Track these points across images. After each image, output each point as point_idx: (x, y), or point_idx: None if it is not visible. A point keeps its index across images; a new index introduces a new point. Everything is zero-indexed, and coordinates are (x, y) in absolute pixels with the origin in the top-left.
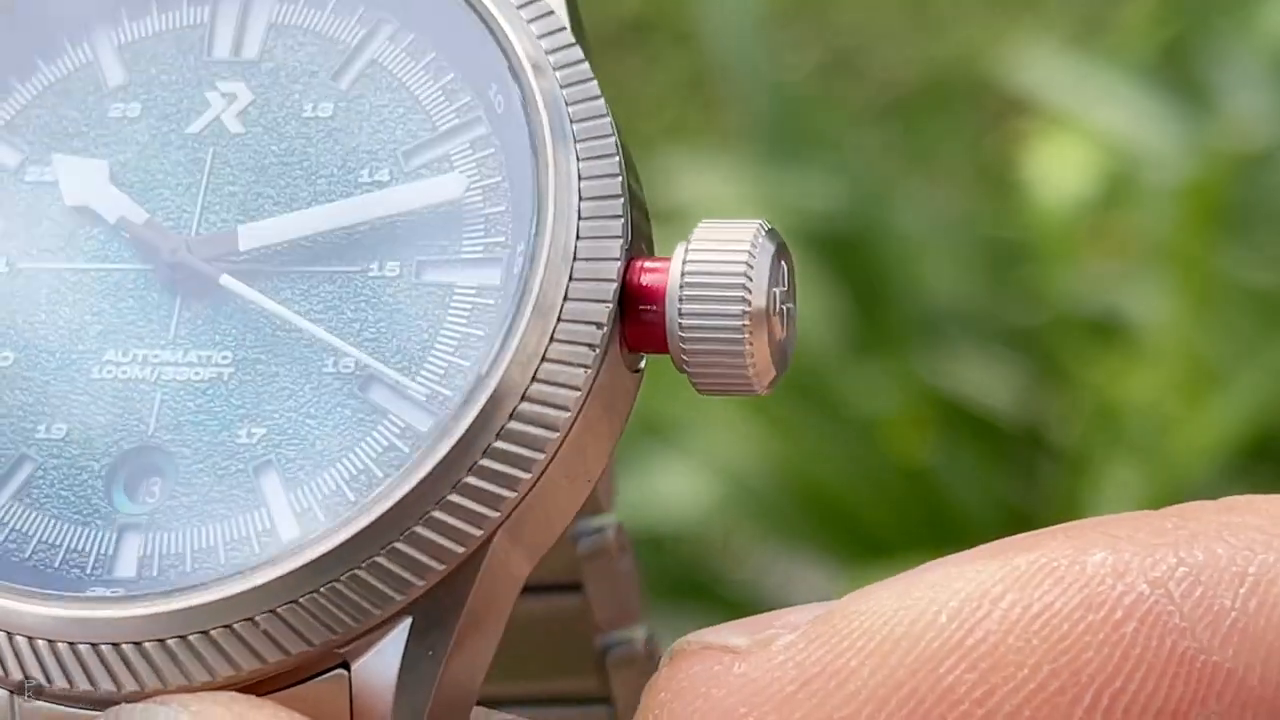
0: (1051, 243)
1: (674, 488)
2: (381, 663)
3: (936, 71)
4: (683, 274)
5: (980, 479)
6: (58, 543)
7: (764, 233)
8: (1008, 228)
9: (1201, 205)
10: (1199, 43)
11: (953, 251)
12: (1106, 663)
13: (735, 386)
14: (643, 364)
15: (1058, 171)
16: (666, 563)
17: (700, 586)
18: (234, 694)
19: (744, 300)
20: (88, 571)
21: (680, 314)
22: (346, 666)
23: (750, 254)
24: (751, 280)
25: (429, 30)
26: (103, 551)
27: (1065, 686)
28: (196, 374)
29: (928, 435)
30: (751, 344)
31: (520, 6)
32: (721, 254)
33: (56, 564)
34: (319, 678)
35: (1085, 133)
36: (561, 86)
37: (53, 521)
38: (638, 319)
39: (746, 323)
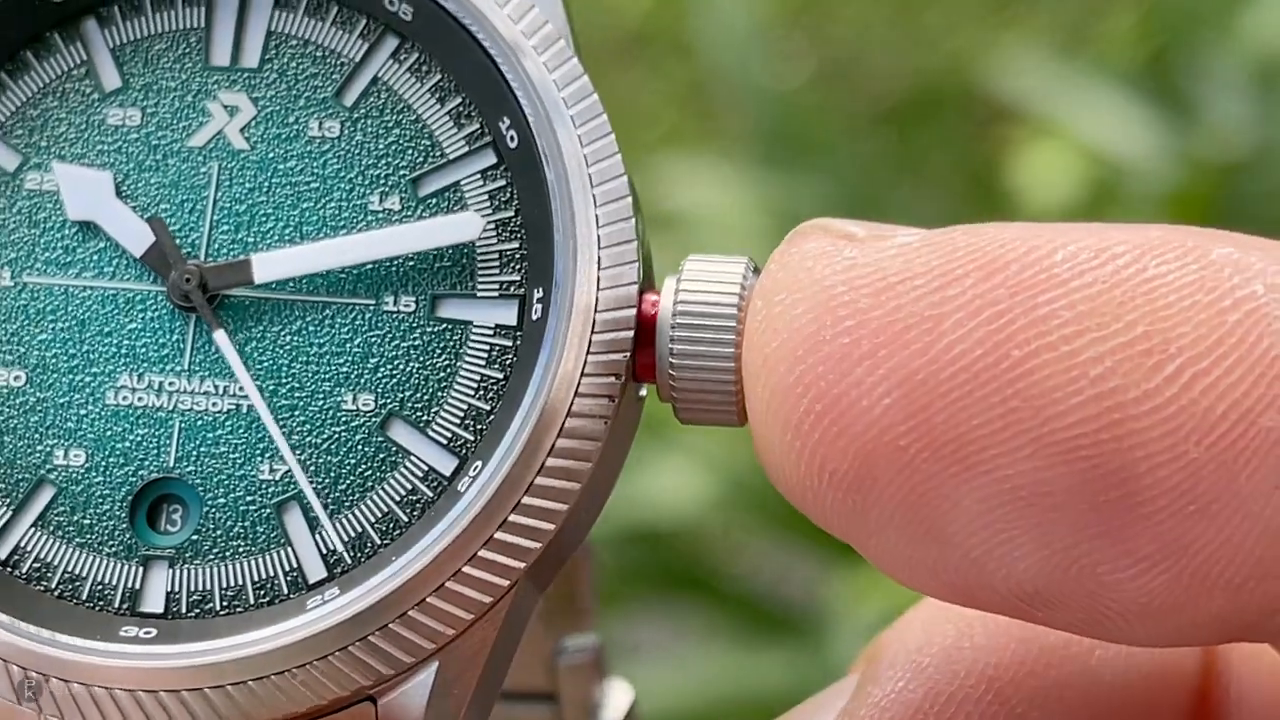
0: None
1: (672, 485)
2: (409, 702)
3: (927, 81)
4: (675, 309)
5: None
6: (83, 574)
7: (751, 270)
8: None
9: (1185, 212)
10: (1182, 54)
11: None
12: (1200, 341)
13: (717, 418)
14: (644, 392)
15: (1044, 178)
16: (664, 557)
17: (697, 580)
18: None
19: (734, 335)
20: (116, 608)
21: (672, 347)
22: (373, 700)
23: (741, 289)
24: (741, 315)
25: (435, 51)
26: (130, 585)
27: (1153, 349)
28: (214, 404)
29: None
30: (739, 380)
31: (529, 35)
32: (712, 289)
33: (84, 597)
34: (346, 710)
35: (1071, 140)
36: (576, 126)
37: (76, 552)
38: (641, 351)
39: (738, 355)
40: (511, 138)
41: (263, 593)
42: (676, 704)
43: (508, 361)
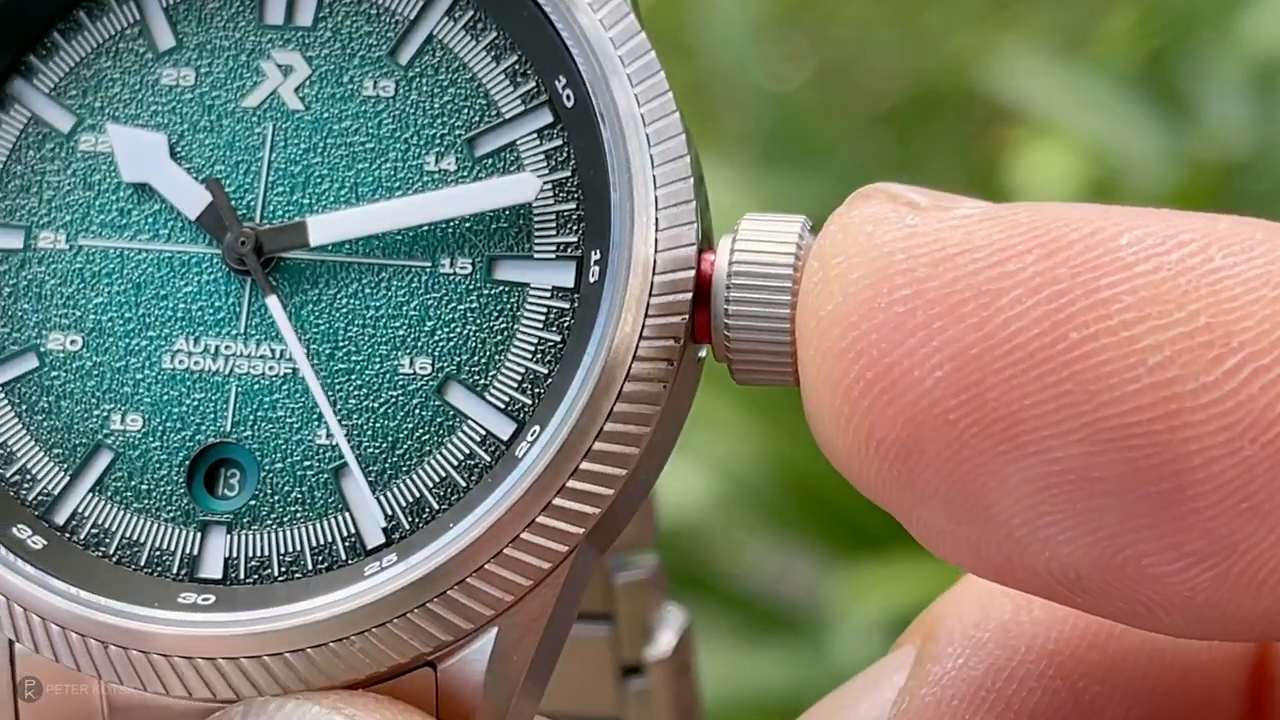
0: None
1: (674, 484)
2: (468, 668)
3: (927, 81)
4: (730, 267)
5: None
6: (141, 540)
7: (807, 229)
8: None
9: None
10: (1181, 54)
11: None
12: (1263, 336)
13: (773, 378)
14: (703, 353)
15: (1044, 178)
16: (665, 556)
17: (697, 580)
18: (378, 696)
19: (790, 294)
20: (175, 574)
21: (728, 306)
22: (433, 665)
23: (797, 249)
24: (798, 274)
25: (490, 8)
26: (188, 551)
27: (1215, 342)
28: (271, 368)
29: None
30: (795, 340)
31: None
32: (769, 247)
33: (142, 563)
34: (406, 675)
35: (1070, 140)
36: (633, 84)
37: (134, 517)
38: (700, 311)
39: (791, 319)
40: (568, 96)
41: (321, 559)
42: None
43: (565, 324)
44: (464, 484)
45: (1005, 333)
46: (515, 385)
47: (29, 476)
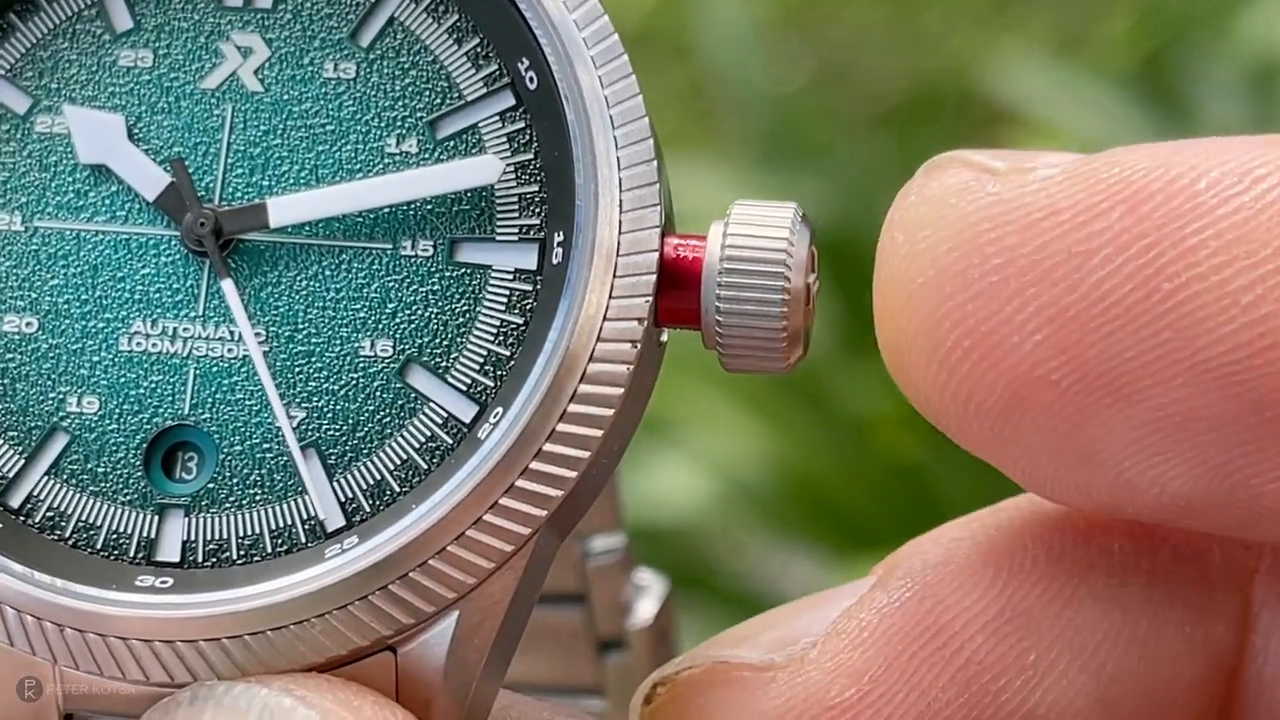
0: None
1: (673, 484)
2: (428, 651)
3: (925, 83)
4: (723, 253)
5: (966, 476)
6: (98, 523)
7: (800, 217)
8: None
9: None
10: (1178, 56)
11: None
12: None
13: (765, 365)
14: (664, 338)
15: None
16: (665, 556)
17: (698, 578)
18: (330, 678)
19: (784, 281)
20: (132, 557)
21: (719, 293)
22: (393, 650)
23: (790, 236)
24: (791, 262)
25: None
26: (145, 534)
27: None
28: (230, 350)
29: (916, 434)
30: (788, 323)
31: None
32: (762, 235)
33: (98, 547)
34: (366, 659)
35: (1068, 141)
36: (597, 67)
37: (91, 500)
38: (668, 295)
39: (787, 300)
40: (531, 79)
41: (280, 541)
42: None
43: (528, 306)
44: (425, 466)
45: (1099, 292)
46: (477, 367)
47: None
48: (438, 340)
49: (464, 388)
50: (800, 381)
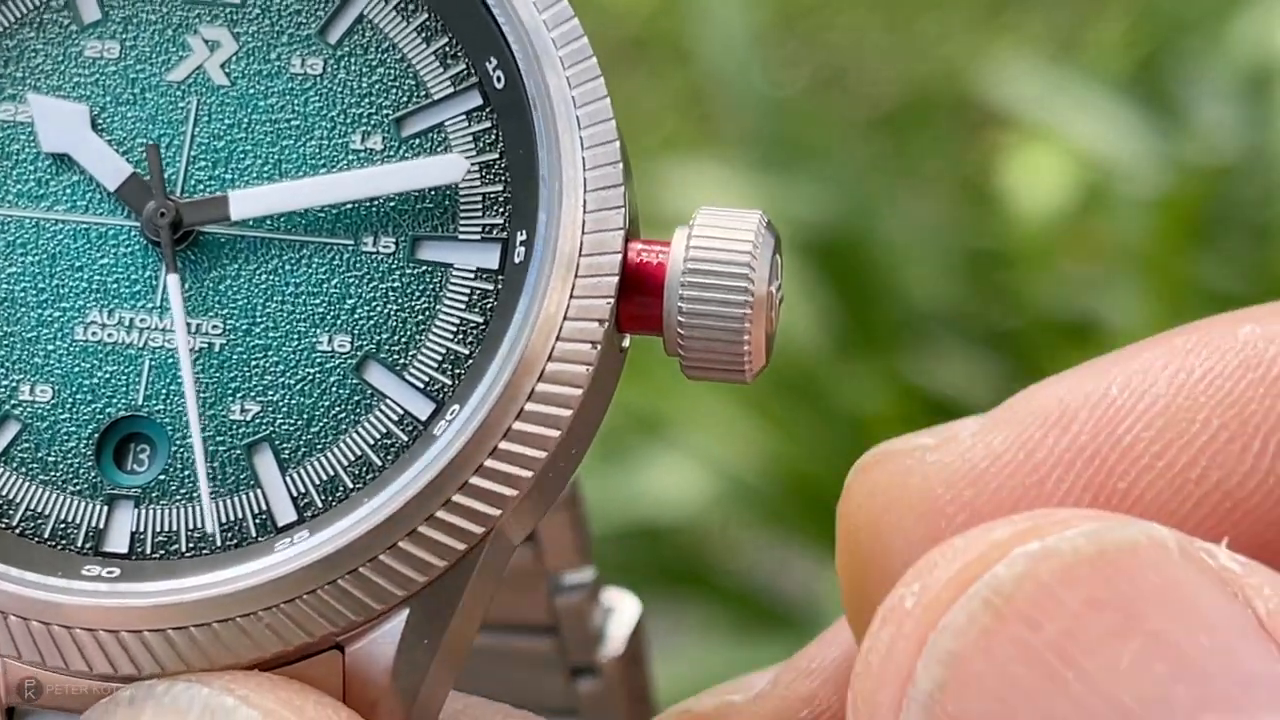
0: (1030, 249)
1: (670, 482)
2: (377, 650)
3: (921, 87)
4: (686, 259)
5: None
6: (46, 512)
7: (764, 225)
8: (988, 235)
9: (1174, 216)
10: (1171, 60)
11: (936, 257)
12: (1270, 413)
13: (726, 373)
14: (626, 343)
15: (1035, 182)
16: (663, 554)
17: (696, 576)
18: (273, 677)
19: (747, 289)
20: (79, 547)
21: (681, 298)
22: (340, 648)
23: (754, 244)
24: (754, 270)
25: None
26: (93, 524)
27: (1235, 436)
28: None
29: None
30: (750, 332)
31: None
32: (726, 242)
33: (46, 535)
34: (313, 658)
35: (1062, 145)
36: (565, 68)
37: (40, 489)
38: (631, 300)
39: (748, 311)
40: (498, 79)
41: (230, 535)
42: (674, 699)
43: (488, 305)
44: (380, 463)
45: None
46: (435, 365)
47: None
48: (396, 337)
49: (421, 385)
50: (799, 381)
